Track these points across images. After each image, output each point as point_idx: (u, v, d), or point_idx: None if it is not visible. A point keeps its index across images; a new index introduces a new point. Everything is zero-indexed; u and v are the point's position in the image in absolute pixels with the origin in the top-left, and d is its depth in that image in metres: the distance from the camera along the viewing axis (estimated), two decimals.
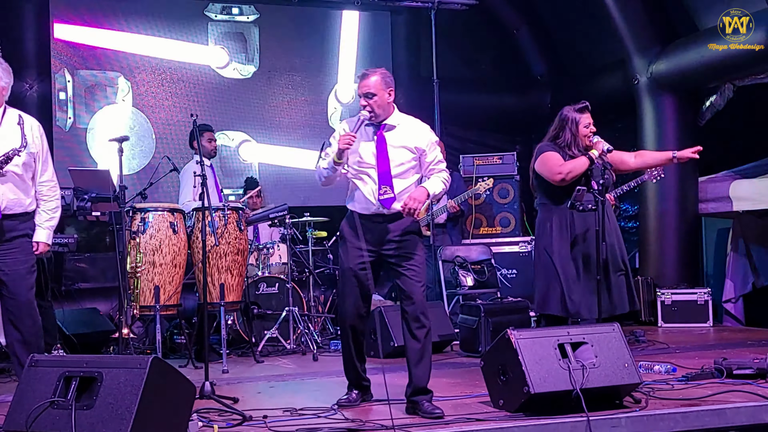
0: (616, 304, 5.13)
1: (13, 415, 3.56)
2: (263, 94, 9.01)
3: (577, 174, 5.08)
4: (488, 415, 4.06)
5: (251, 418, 4.09)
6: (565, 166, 5.10)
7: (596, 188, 4.96)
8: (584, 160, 5.06)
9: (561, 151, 5.18)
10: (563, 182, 5.12)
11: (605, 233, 4.96)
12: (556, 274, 5.13)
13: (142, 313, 5.96)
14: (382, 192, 4.28)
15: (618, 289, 5.16)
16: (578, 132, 5.18)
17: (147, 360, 3.49)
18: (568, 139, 5.21)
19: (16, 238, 4.63)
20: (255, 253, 7.30)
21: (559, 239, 5.14)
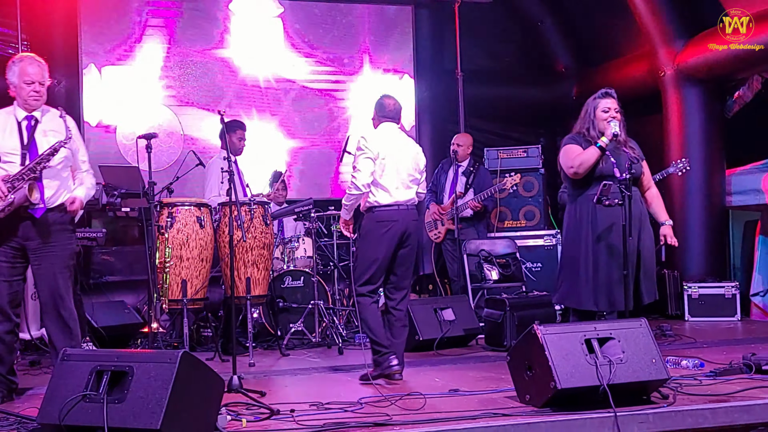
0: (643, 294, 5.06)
1: (46, 408, 3.62)
2: (288, 88, 9.03)
3: (589, 165, 4.99)
4: (515, 410, 4.06)
5: (279, 412, 4.12)
6: (576, 159, 5.03)
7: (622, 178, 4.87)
8: (593, 150, 4.96)
9: (583, 140, 5.12)
10: (577, 175, 5.06)
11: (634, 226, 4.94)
12: (582, 267, 5.08)
13: (170, 306, 6.02)
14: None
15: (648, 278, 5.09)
16: (595, 117, 5.09)
17: (177, 354, 3.53)
18: (586, 125, 5.13)
19: (58, 231, 4.71)
20: (280, 247, 7.34)
21: (585, 231, 5.08)
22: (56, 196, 4.71)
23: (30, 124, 4.70)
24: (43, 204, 4.63)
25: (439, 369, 5.58)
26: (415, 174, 5.27)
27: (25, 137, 4.65)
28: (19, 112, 4.72)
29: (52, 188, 4.68)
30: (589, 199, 5.02)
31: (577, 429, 3.86)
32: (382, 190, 5.12)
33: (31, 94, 4.67)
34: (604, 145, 4.95)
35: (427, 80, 9.49)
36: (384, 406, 4.28)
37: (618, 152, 5.06)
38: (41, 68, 4.72)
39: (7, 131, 4.65)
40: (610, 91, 5.16)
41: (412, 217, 5.23)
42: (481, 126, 9.65)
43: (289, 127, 9.03)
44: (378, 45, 9.35)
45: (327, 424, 3.87)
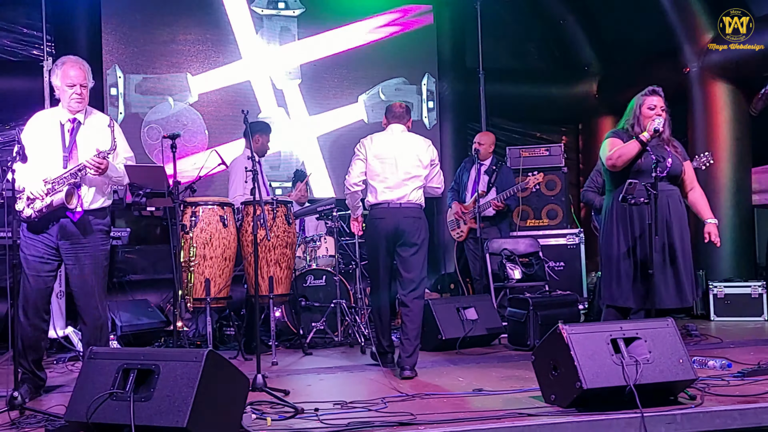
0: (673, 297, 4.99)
1: (73, 406, 3.64)
2: (309, 88, 9.04)
3: (628, 158, 4.94)
4: (540, 411, 4.04)
5: (303, 410, 4.12)
6: (615, 152, 5.00)
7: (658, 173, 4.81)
8: (634, 143, 4.92)
9: (626, 135, 5.08)
10: (615, 168, 5.02)
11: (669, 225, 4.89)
12: (617, 264, 5.03)
13: (194, 305, 6.04)
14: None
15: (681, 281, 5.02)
16: (641, 113, 5.06)
17: (203, 353, 3.55)
18: (631, 121, 5.09)
19: (93, 232, 4.75)
20: (302, 246, 7.35)
21: (620, 228, 5.03)
22: (94, 200, 4.75)
23: (73, 126, 4.74)
24: (81, 208, 4.66)
25: (462, 368, 5.56)
26: (414, 171, 5.46)
27: (66, 140, 4.69)
28: (63, 113, 4.76)
29: (89, 192, 4.72)
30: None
31: (604, 430, 3.84)
32: (373, 190, 5.48)
33: (73, 96, 4.71)
34: (645, 140, 4.90)
35: (449, 79, 9.47)
36: (408, 405, 4.27)
37: (659, 150, 5.00)
38: (83, 70, 4.75)
39: (50, 133, 4.69)
40: (658, 89, 5.12)
41: (404, 215, 5.40)
42: (503, 125, 9.63)
43: (312, 126, 9.03)
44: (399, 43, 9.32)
45: (351, 423, 3.87)
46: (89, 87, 4.80)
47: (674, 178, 5.04)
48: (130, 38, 8.47)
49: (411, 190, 5.45)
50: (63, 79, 4.70)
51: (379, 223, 5.40)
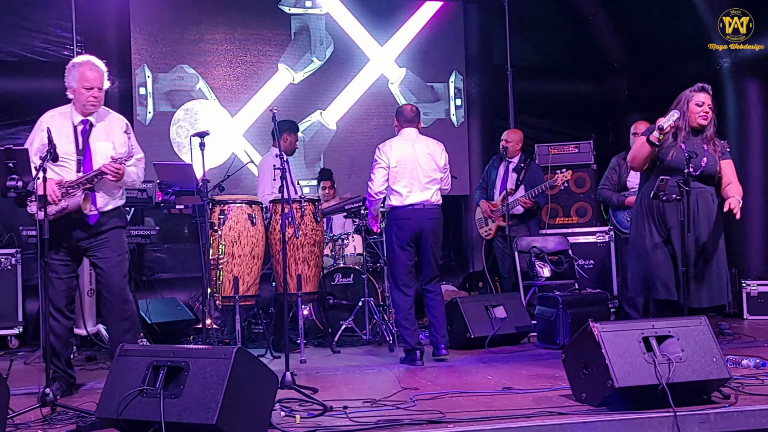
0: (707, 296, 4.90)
1: (104, 403, 3.66)
2: (336, 87, 9.04)
3: (640, 159, 4.87)
4: (570, 409, 4.01)
5: (332, 408, 4.13)
6: (630, 153, 4.97)
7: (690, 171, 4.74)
8: (644, 144, 4.84)
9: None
10: (633, 169, 5.02)
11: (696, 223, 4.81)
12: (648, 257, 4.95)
13: (223, 303, 6.06)
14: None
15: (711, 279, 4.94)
16: (688, 110, 4.98)
17: (232, 351, 3.55)
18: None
19: (110, 229, 4.79)
20: (330, 244, 7.35)
21: (650, 223, 4.95)
22: (108, 203, 4.78)
23: (85, 128, 4.73)
24: (96, 212, 4.69)
25: (491, 367, 5.53)
26: (433, 174, 5.87)
27: (80, 142, 4.69)
28: (75, 115, 4.75)
29: (104, 195, 4.75)
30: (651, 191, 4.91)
31: (635, 429, 3.80)
32: (397, 194, 5.81)
33: (90, 99, 4.69)
34: (654, 140, 4.81)
35: (477, 76, 9.43)
36: (437, 403, 4.26)
37: (695, 148, 4.89)
38: (100, 73, 4.73)
39: (63, 135, 4.68)
40: (707, 86, 5.05)
41: (428, 216, 5.82)
42: (531, 122, 9.55)
43: (340, 123, 9.04)
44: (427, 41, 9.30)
45: (380, 420, 3.86)
46: (104, 89, 4.77)
47: (708, 177, 4.94)
48: (158, 38, 8.52)
49: (432, 192, 5.86)
50: (80, 81, 4.67)
51: (404, 223, 5.78)
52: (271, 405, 3.79)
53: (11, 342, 7.02)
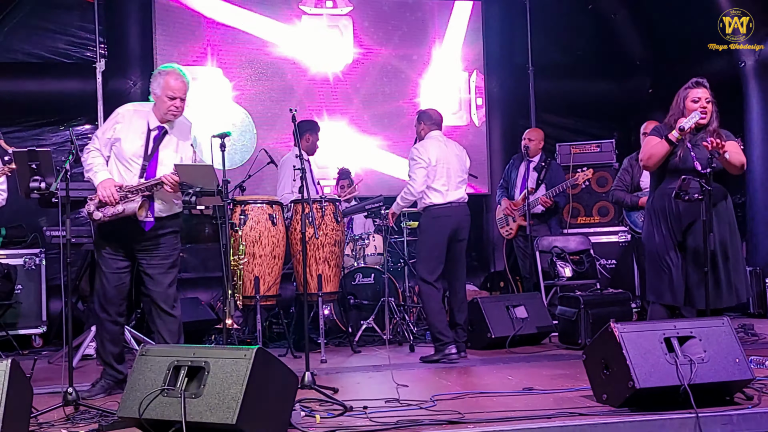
0: (724, 296, 4.85)
1: (126, 402, 3.69)
2: (358, 86, 9.05)
3: (657, 159, 4.78)
4: (591, 410, 3.99)
5: (352, 408, 4.13)
6: (645, 153, 4.84)
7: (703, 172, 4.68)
8: (662, 143, 4.75)
9: (668, 130, 4.91)
10: (647, 168, 4.90)
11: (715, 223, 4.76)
12: (659, 261, 4.87)
13: (244, 303, 6.09)
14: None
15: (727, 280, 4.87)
16: (685, 107, 4.90)
17: (252, 351, 3.56)
18: (675, 115, 4.90)
19: (164, 235, 4.80)
20: (351, 244, 7.36)
21: (662, 224, 4.87)
22: (166, 209, 4.77)
23: (158, 134, 4.74)
24: (152, 219, 4.69)
25: (512, 367, 5.52)
26: (463, 175, 6.15)
27: (149, 147, 4.70)
28: (152, 118, 4.76)
29: (162, 203, 4.75)
30: (666, 193, 4.84)
31: (657, 430, 3.77)
32: (437, 192, 5.98)
33: (171, 109, 4.71)
34: (673, 139, 4.74)
35: (498, 75, 9.40)
36: (457, 403, 4.25)
37: (700, 144, 4.80)
38: (185, 84, 4.75)
39: (134, 134, 4.69)
40: (702, 81, 4.95)
41: (465, 212, 6.11)
42: (552, 121, 9.51)
43: (360, 124, 9.05)
44: (448, 41, 9.28)
45: (400, 421, 3.85)
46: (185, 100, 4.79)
47: (718, 173, 4.83)
48: (180, 39, 8.56)
49: (464, 190, 6.15)
50: (164, 90, 4.69)
51: (446, 220, 5.98)
52: (291, 405, 3.80)
53: (35, 341, 7.09)
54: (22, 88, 8.23)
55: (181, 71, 4.78)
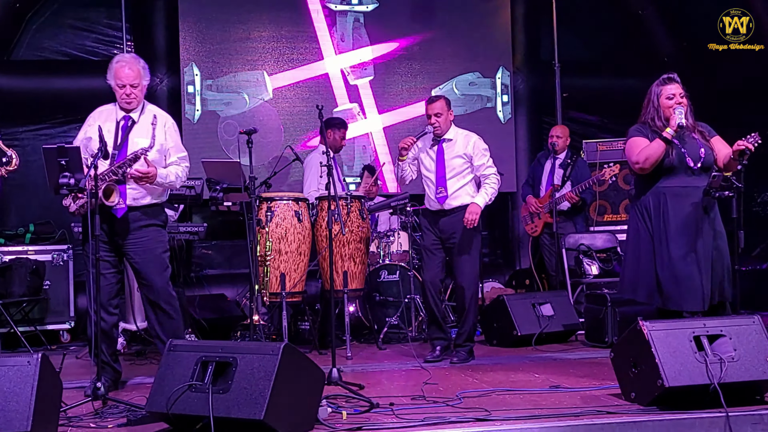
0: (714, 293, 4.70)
1: (154, 397, 3.72)
2: (382, 83, 9.04)
3: (655, 160, 4.64)
4: (620, 408, 3.96)
5: (378, 405, 4.12)
6: (641, 155, 4.67)
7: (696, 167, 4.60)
8: (659, 143, 4.63)
9: (649, 131, 4.81)
10: (643, 171, 4.71)
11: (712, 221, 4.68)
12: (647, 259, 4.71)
13: (270, 300, 6.10)
14: (438, 192, 5.70)
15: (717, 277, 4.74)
16: (660, 105, 4.79)
17: (279, 347, 3.58)
18: (651, 114, 4.78)
19: (144, 227, 4.81)
20: (376, 241, 7.36)
21: (653, 223, 4.71)
22: (141, 197, 4.79)
23: (126, 124, 4.78)
24: (124, 205, 4.69)
25: (538, 365, 5.50)
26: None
27: (119, 137, 4.73)
28: (119, 112, 4.83)
29: (138, 190, 4.75)
30: (662, 192, 4.72)
31: (686, 429, 3.74)
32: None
33: (123, 97, 4.77)
34: (669, 137, 4.62)
35: (524, 72, 9.36)
36: (483, 401, 4.24)
37: (687, 139, 4.72)
38: (133, 70, 4.77)
39: (105, 131, 4.69)
40: (673, 76, 4.86)
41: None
42: (579, 118, 9.46)
43: (386, 121, 9.03)
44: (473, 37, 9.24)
45: (427, 418, 3.85)
46: (143, 85, 4.82)
47: (710, 167, 4.72)
48: (206, 36, 8.60)
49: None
50: (114, 80, 4.77)
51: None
52: (317, 401, 3.81)
53: (63, 336, 7.16)
54: (51, 86, 8.31)
55: (130, 59, 4.81)
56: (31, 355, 3.55)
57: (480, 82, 9.27)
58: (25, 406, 3.43)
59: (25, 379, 3.48)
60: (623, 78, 9.74)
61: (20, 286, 6.76)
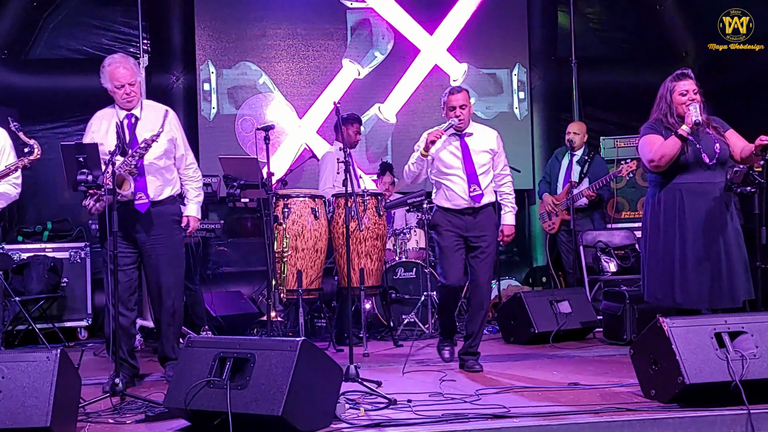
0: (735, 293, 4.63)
1: (172, 393, 3.72)
2: (397, 79, 9.01)
3: (671, 157, 4.58)
4: (640, 405, 3.93)
5: (396, 401, 4.11)
6: (656, 153, 4.62)
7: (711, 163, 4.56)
8: (674, 140, 4.57)
9: (662, 128, 4.76)
10: (659, 168, 4.65)
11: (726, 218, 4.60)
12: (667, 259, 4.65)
13: (287, 297, 6.10)
14: (472, 190, 5.26)
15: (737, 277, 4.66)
16: (673, 101, 4.75)
17: (297, 343, 3.57)
18: (663, 110, 4.73)
19: (164, 223, 4.88)
20: (392, 238, 7.35)
21: (670, 221, 4.66)
22: (161, 192, 4.86)
23: (130, 122, 4.84)
24: (147, 199, 4.75)
25: (556, 362, 5.47)
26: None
27: (126, 135, 4.76)
28: (119, 111, 4.88)
29: (156, 184, 4.83)
30: (677, 189, 4.66)
31: (707, 426, 3.70)
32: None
33: (123, 96, 4.82)
34: (685, 134, 4.56)
35: (541, 68, 9.31)
36: (502, 398, 4.22)
37: (701, 135, 4.65)
38: (128, 68, 4.84)
39: (110, 131, 4.77)
40: (687, 71, 4.80)
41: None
42: (596, 114, 9.39)
43: (401, 117, 9.01)
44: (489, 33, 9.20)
45: (445, 414, 3.83)
46: (138, 82, 4.89)
47: (725, 162, 4.66)
48: (222, 33, 8.61)
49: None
50: (111, 82, 4.82)
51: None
52: (335, 397, 3.81)
53: (81, 333, 7.19)
54: (67, 84, 8.33)
55: (122, 59, 4.88)
56: (50, 351, 3.57)
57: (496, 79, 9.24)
58: (44, 402, 3.44)
59: (44, 374, 3.49)
60: (641, 74, 9.65)
61: (38, 284, 6.80)
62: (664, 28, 9.53)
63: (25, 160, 4.73)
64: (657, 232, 4.73)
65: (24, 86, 8.16)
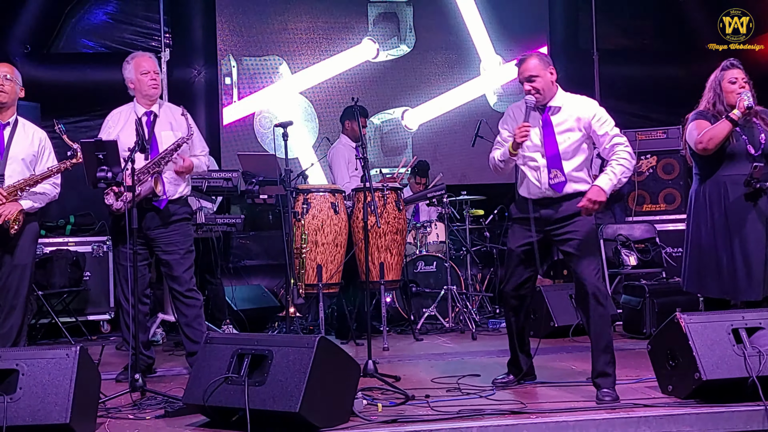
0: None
1: (191, 389, 3.76)
2: (418, 74, 9.01)
3: (719, 140, 4.55)
4: (657, 401, 3.93)
5: (414, 397, 4.13)
6: (705, 134, 4.59)
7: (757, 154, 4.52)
8: (725, 123, 4.54)
9: (711, 117, 4.73)
10: (706, 151, 4.61)
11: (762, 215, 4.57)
12: (710, 253, 4.66)
13: (306, 291, 6.13)
14: (552, 176, 4.23)
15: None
16: (722, 89, 4.72)
17: (315, 339, 3.60)
18: (712, 99, 4.71)
19: (177, 221, 4.98)
20: (413, 232, 7.35)
21: (716, 215, 4.66)
22: (176, 189, 4.95)
23: (149, 119, 4.92)
24: (165, 196, 4.85)
25: (575, 356, 5.45)
26: None
27: (145, 132, 4.84)
28: (138, 108, 4.96)
29: (170, 182, 4.91)
30: (721, 180, 4.65)
31: (724, 422, 3.69)
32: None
33: (149, 83, 4.93)
34: (736, 118, 4.52)
35: (562, 60, 9.24)
36: (519, 393, 4.22)
37: (749, 126, 4.63)
38: (153, 60, 5.03)
39: (128, 128, 4.86)
40: (736, 62, 4.75)
41: None
42: (618, 107, 9.29)
43: (422, 111, 9.01)
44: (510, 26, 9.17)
45: (462, 410, 3.84)
46: (159, 77, 5.01)
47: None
48: (243, 27, 8.65)
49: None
50: (137, 70, 4.93)
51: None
52: (353, 393, 3.82)
53: (103, 327, 7.27)
54: (89, 78, 8.40)
55: (146, 54, 5.08)
56: (69, 348, 3.61)
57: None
58: (64, 399, 3.48)
59: (63, 371, 3.54)
60: (663, 66, 9.61)
61: (61, 278, 6.87)
62: (686, 21, 9.45)
63: (67, 163, 4.80)
64: (698, 223, 4.74)
65: (46, 80, 8.23)
